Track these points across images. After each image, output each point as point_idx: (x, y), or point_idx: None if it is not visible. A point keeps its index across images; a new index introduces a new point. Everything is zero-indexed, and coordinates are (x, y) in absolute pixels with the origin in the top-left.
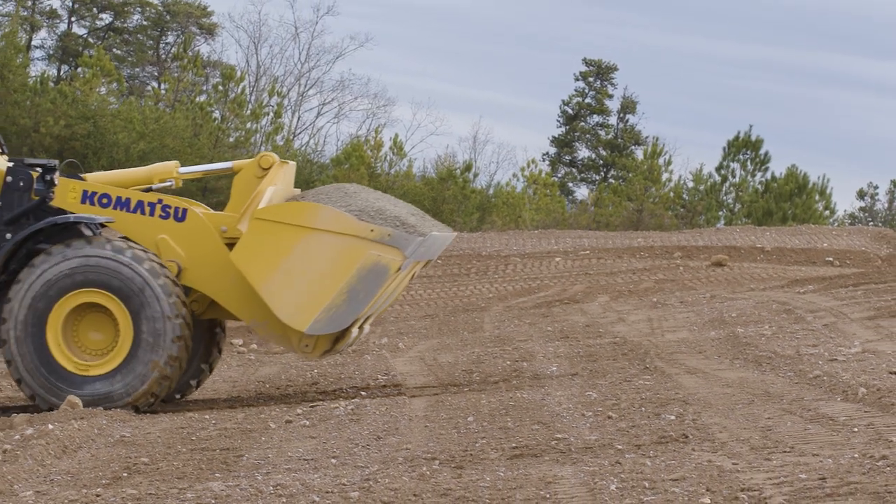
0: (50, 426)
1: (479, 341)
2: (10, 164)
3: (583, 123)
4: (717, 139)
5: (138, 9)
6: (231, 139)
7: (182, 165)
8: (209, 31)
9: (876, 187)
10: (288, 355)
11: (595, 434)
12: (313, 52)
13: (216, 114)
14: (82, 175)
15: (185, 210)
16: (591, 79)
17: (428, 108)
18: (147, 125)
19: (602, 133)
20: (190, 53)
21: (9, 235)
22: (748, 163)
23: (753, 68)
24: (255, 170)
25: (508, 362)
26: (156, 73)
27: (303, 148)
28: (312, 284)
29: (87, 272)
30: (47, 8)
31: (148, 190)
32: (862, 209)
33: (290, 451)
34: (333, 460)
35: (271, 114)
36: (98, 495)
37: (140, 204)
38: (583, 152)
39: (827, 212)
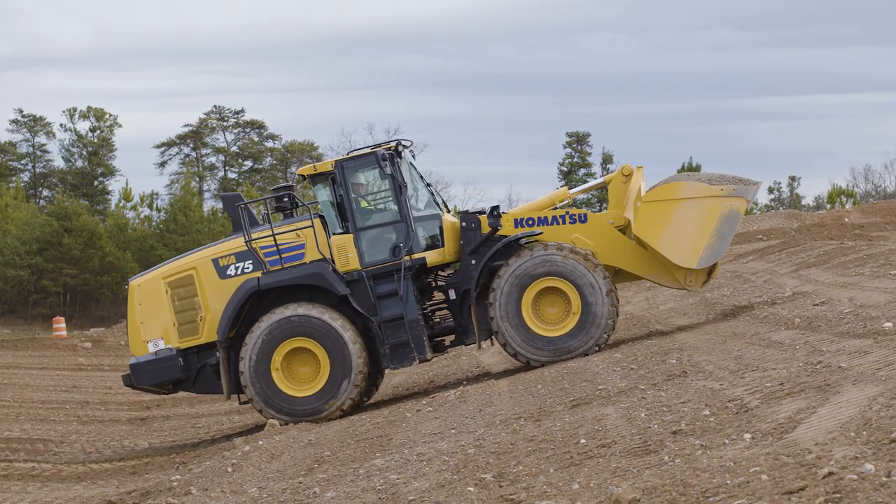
0: (260, 442)
1: None
2: (461, 214)
3: (575, 175)
4: (670, 170)
5: (269, 154)
6: None
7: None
8: (318, 160)
9: (779, 183)
10: (408, 369)
11: (624, 381)
12: None
13: None
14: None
15: (585, 214)
16: (574, 144)
17: (474, 185)
18: None
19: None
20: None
21: (473, 261)
22: None
23: (685, 117)
24: (620, 178)
25: None
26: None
27: None
28: (692, 235)
29: (547, 266)
30: (208, 163)
31: (555, 208)
32: (772, 199)
33: (423, 430)
34: (453, 431)
35: None
36: (300, 482)
37: (555, 218)
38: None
39: (752, 205)
